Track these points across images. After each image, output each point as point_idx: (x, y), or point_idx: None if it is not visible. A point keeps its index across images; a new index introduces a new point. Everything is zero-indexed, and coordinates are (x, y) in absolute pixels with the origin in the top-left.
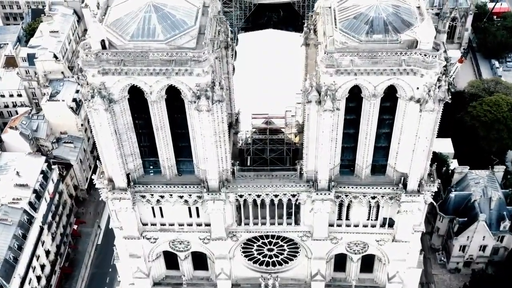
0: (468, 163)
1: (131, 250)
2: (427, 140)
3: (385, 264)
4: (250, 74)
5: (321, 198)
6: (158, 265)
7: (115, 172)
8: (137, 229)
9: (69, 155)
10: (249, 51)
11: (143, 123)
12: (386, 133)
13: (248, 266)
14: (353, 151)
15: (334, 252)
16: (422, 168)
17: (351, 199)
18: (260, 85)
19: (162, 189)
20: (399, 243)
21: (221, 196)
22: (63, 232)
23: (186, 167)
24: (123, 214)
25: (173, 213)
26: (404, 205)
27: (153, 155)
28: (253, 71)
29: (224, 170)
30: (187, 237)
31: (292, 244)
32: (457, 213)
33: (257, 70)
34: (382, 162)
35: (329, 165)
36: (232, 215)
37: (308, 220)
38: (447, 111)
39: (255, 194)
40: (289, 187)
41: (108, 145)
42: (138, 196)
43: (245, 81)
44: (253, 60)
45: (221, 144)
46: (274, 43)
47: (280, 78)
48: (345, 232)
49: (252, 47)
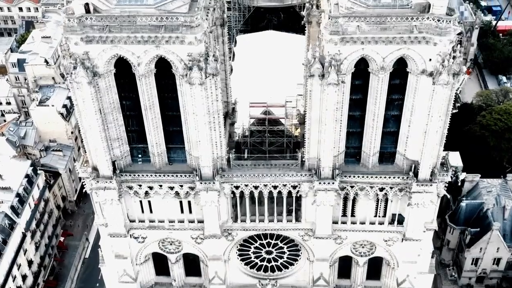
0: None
1: (117, 250)
2: (440, 119)
3: (394, 268)
4: (249, 66)
5: (324, 188)
6: (146, 269)
7: (99, 158)
8: (123, 226)
9: (58, 163)
10: (248, 50)
11: (131, 104)
12: (395, 116)
13: (245, 271)
14: (359, 138)
15: (338, 254)
16: (434, 154)
17: (357, 191)
18: (258, 75)
19: (151, 178)
20: (409, 243)
21: (215, 185)
22: (48, 243)
23: (177, 155)
24: (108, 208)
25: (163, 208)
26: (415, 196)
27: (141, 141)
28: (252, 64)
29: (219, 158)
30: (178, 236)
31: (293, 246)
32: (469, 223)
33: (256, 62)
34: (391, 149)
35: (333, 151)
36: (227, 210)
37: (310, 216)
38: (455, 123)
39: (252, 185)
40: (289, 177)
41: (92, 126)
42: (124, 187)
43: (243, 71)
44: (252, 55)
45: (215, 126)
46: (274, 43)
47: (280, 70)
48: (350, 230)
49: (251, 46)
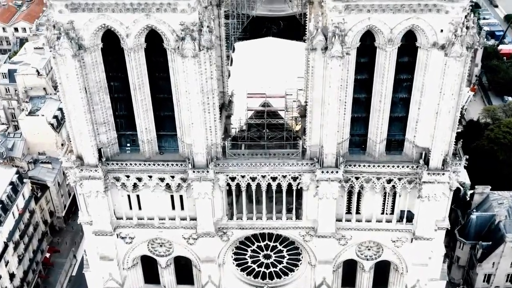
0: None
1: (103, 250)
2: (453, 98)
3: (402, 273)
4: (247, 66)
5: (327, 178)
6: (134, 275)
7: (84, 144)
8: (109, 223)
9: (46, 176)
10: (246, 54)
11: (119, 85)
12: (404, 99)
13: (241, 277)
14: (364, 124)
15: (342, 258)
16: (447, 140)
17: (362, 182)
18: (257, 72)
19: (140, 167)
20: (419, 243)
21: (209, 174)
22: (33, 258)
23: (168, 144)
24: (93, 202)
25: (153, 204)
26: (425, 188)
27: (130, 127)
28: (250, 65)
29: (213, 145)
30: (168, 235)
31: (293, 249)
32: (480, 237)
33: (255, 63)
34: (399, 137)
35: (337, 137)
36: (222, 207)
37: (311, 213)
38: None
39: (249, 176)
40: (289, 166)
41: (76, 107)
42: (111, 178)
43: (241, 71)
44: (250, 58)
45: (209, 108)
46: (273, 48)
47: (280, 69)
48: (355, 229)
49: (250, 51)
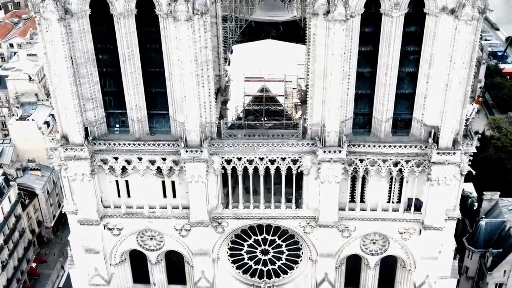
0: None
1: (88, 242)
2: (464, 67)
3: (410, 270)
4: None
5: (330, 158)
6: (122, 273)
7: (69, 121)
8: (96, 210)
9: (35, 183)
10: (245, 54)
11: (108, 58)
12: (411, 74)
13: (237, 276)
14: (369, 102)
15: (345, 252)
16: (457, 116)
17: (367, 165)
18: (256, 59)
19: (129, 147)
20: (428, 234)
21: (203, 154)
22: (18, 266)
23: (160, 125)
24: (78, 187)
25: (143, 191)
26: (435, 170)
27: (119, 106)
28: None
29: (208, 124)
30: (159, 226)
31: (292, 243)
32: (490, 245)
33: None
34: (406, 116)
35: (340, 115)
36: (217, 194)
37: (312, 201)
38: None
39: (246, 158)
40: (289, 147)
41: (61, 79)
42: (98, 161)
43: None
44: (249, 56)
45: (203, 82)
46: (272, 49)
47: (279, 58)
48: (359, 219)
49: (249, 51)
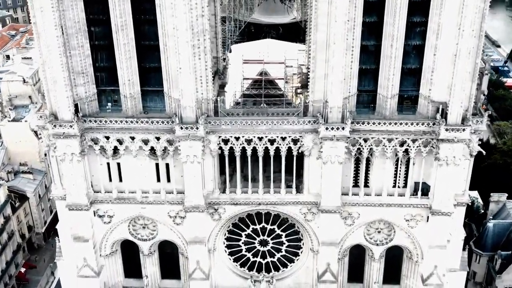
0: None
1: (77, 229)
2: (473, 35)
3: (417, 262)
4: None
5: (332, 136)
6: (113, 266)
7: (58, 95)
8: (85, 195)
9: (26, 186)
10: (243, 52)
11: (101, 31)
12: (417, 47)
13: (234, 269)
14: (374, 78)
15: (348, 242)
16: (466, 92)
17: (371, 145)
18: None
19: (121, 125)
20: (436, 219)
21: (199, 132)
22: (5, 269)
23: (154, 104)
24: (67, 168)
25: (136, 174)
26: (443, 148)
27: (111, 82)
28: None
29: (204, 100)
30: (152, 213)
31: (293, 233)
32: (498, 247)
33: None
34: (412, 93)
35: (343, 90)
36: (213, 177)
37: (314, 185)
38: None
39: (245, 138)
40: (289, 124)
41: (50, 48)
42: (88, 140)
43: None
44: (248, 55)
45: (200, 53)
46: (272, 48)
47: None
48: (363, 205)
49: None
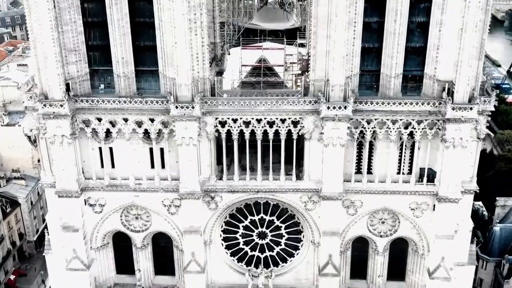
0: None
1: (66, 218)
2: (480, 8)
3: (423, 255)
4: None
5: (334, 115)
6: (104, 260)
7: (49, 73)
8: (76, 180)
9: (18, 192)
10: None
11: (94, 8)
12: (421, 24)
13: (231, 264)
14: (377, 58)
15: (351, 233)
16: (473, 67)
17: (375, 127)
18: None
19: (114, 105)
20: (443, 207)
21: (195, 111)
22: None
23: (149, 85)
24: (57, 151)
25: (129, 160)
26: (450, 129)
27: (105, 62)
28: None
29: (200, 80)
30: (146, 201)
31: (292, 225)
32: (505, 252)
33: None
34: (417, 72)
35: (346, 68)
36: (210, 163)
37: (314, 171)
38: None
39: (243, 120)
40: (289, 105)
41: (42, 23)
42: (79, 122)
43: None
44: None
45: (196, 29)
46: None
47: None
48: (366, 192)
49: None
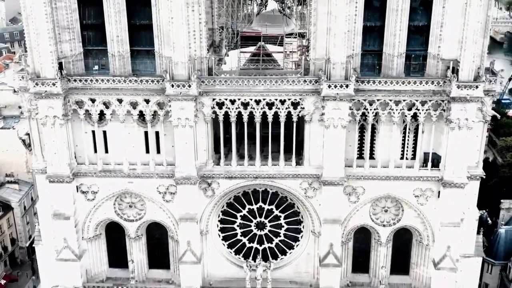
0: None
1: (58, 205)
2: None
3: (428, 245)
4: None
5: (335, 94)
6: (97, 252)
7: (42, 50)
8: (67, 165)
9: (11, 196)
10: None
11: None
12: (425, 2)
13: (228, 257)
14: (379, 37)
15: (353, 222)
16: (478, 48)
17: (377, 108)
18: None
19: (108, 85)
20: (449, 193)
21: (192, 90)
22: None
23: (144, 66)
24: (49, 134)
25: (123, 144)
26: (455, 108)
27: (99, 42)
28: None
29: (198, 58)
30: (140, 188)
31: (292, 214)
32: (511, 256)
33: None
34: (420, 52)
35: (347, 46)
36: (207, 147)
37: (315, 156)
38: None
39: (241, 100)
40: (289, 85)
41: None
42: (72, 103)
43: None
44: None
45: (193, 4)
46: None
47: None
48: (368, 178)
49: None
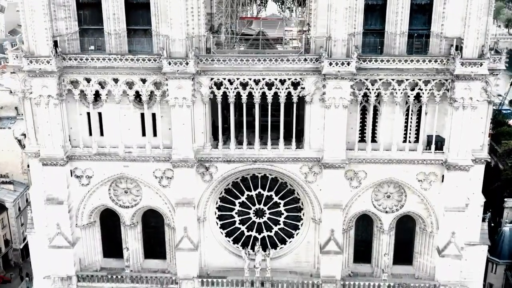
0: None
1: (50, 190)
2: None
3: (432, 233)
4: None
5: (337, 72)
6: (91, 241)
7: (36, 27)
8: (61, 147)
9: (6, 196)
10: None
11: None
12: None
13: (227, 246)
14: (381, 16)
15: (355, 208)
16: (482, 20)
17: (379, 88)
18: None
19: (104, 63)
20: (453, 176)
21: (189, 67)
22: None
23: (141, 46)
24: (43, 114)
25: (118, 126)
26: (459, 87)
27: (95, 21)
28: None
29: (196, 37)
30: (136, 172)
31: (292, 201)
32: None
33: None
34: (423, 32)
35: (349, 24)
36: (204, 129)
37: (315, 139)
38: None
39: (240, 80)
40: (289, 63)
41: None
42: (67, 83)
43: None
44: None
45: None
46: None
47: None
48: (370, 162)
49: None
